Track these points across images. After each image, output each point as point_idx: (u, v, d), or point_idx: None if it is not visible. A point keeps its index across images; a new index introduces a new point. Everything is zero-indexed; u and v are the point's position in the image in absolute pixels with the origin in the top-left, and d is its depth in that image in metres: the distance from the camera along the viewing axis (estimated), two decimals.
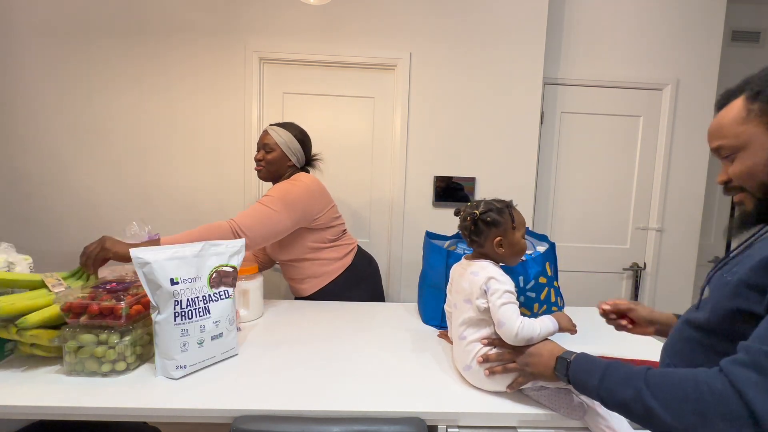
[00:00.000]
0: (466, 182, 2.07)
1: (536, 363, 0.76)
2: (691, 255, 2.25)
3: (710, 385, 0.48)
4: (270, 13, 1.96)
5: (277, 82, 2.03)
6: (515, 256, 0.91)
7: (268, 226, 1.25)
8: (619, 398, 0.58)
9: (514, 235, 0.89)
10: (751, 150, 0.61)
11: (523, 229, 0.91)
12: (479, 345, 0.85)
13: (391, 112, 2.06)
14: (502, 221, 0.88)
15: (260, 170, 1.41)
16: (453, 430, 0.78)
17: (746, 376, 0.45)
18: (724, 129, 0.64)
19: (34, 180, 1.99)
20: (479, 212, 0.89)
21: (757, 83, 0.61)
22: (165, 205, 2.04)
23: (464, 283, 0.89)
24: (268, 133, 1.40)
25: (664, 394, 0.52)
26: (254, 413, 0.75)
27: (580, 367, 0.68)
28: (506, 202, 0.92)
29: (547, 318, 0.83)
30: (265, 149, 1.39)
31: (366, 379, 0.89)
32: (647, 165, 2.21)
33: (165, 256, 0.87)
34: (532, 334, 0.78)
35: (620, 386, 0.58)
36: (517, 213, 0.91)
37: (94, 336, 0.84)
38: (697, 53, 2.13)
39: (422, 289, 1.35)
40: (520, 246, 0.90)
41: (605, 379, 0.61)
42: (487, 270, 0.86)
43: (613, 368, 0.62)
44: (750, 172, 0.61)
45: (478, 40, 2.01)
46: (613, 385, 0.60)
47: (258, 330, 1.17)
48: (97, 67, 1.95)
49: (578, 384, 0.68)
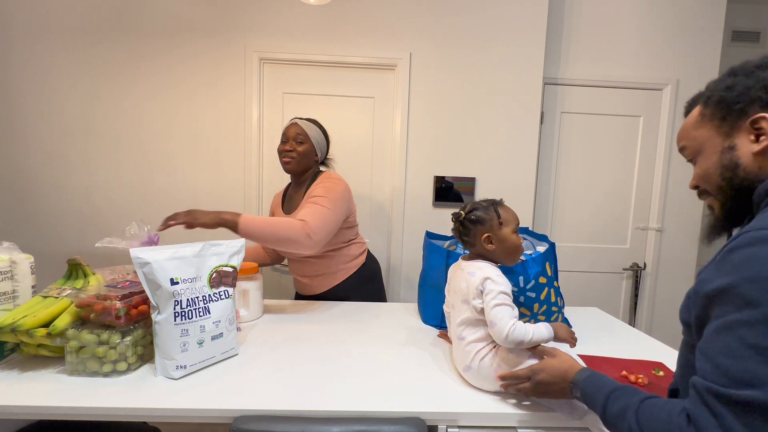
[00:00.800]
0: (466, 182, 2.07)
1: (553, 392, 0.76)
2: (691, 255, 2.25)
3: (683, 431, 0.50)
4: (270, 13, 1.96)
5: (277, 82, 2.03)
6: (509, 253, 0.91)
7: (329, 226, 1.26)
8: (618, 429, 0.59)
9: (501, 231, 0.89)
10: (705, 153, 0.62)
11: (513, 225, 0.91)
12: (478, 345, 0.85)
13: (391, 112, 2.06)
14: (487, 218, 0.89)
15: (290, 161, 1.37)
16: (453, 430, 0.78)
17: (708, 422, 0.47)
18: (684, 132, 0.66)
19: (34, 180, 1.99)
20: (464, 212, 0.91)
21: (711, 88, 0.63)
22: (165, 205, 2.04)
23: (461, 283, 0.89)
24: (298, 124, 1.39)
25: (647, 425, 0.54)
26: (254, 413, 0.75)
27: (585, 391, 0.68)
28: (493, 200, 0.93)
29: (543, 325, 0.82)
30: (296, 140, 1.37)
31: (366, 379, 0.89)
32: (647, 165, 2.21)
33: (165, 256, 0.87)
34: (523, 338, 0.78)
35: (618, 417, 0.59)
36: (505, 209, 0.92)
37: (95, 336, 0.84)
38: (697, 53, 2.13)
39: (422, 289, 1.35)
40: (511, 242, 0.90)
41: (607, 407, 0.62)
42: (483, 270, 0.86)
43: (615, 397, 0.62)
44: (705, 174, 0.62)
45: (478, 40, 2.01)
46: (613, 414, 0.61)
47: (258, 330, 1.17)
48: (97, 67, 1.95)
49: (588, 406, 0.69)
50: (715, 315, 0.51)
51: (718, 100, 0.60)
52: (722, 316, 0.49)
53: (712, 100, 0.61)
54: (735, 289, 0.48)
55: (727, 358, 0.47)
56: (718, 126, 0.60)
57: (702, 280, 0.54)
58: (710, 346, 0.50)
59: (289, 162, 1.38)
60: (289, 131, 1.39)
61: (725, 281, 0.49)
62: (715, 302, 0.51)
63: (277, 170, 2.06)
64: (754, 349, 0.45)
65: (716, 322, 0.50)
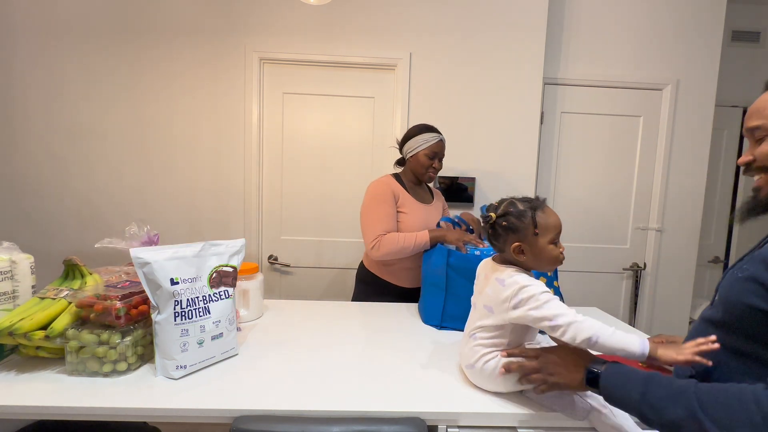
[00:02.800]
0: (466, 182, 2.07)
1: (561, 373, 0.71)
2: (691, 255, 2.25)
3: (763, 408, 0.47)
4: (270, 13, 1.96)
5: (277, 82, 2.03)
6: (542, 264, 0.81)
7: None
8: (668, 418, 0.55)
9: (537, 242, 0.79)
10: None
11: (552, 234, 0.80)
12: (487, 349, 0.82)
13: (391, 112, 2.06)
14: (521, 226, 0.79)
15: (434, 176, 1.54)
16: (453, 430, 0.78)
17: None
18: (765, 110, 0.62)
19: (34, 180, 1.99)
20: (495, 216, 0.82)
21: None
22: (165, 206, 2.04)
23: (488, 288, 0.83)
24: (443, 143, 1.52)
25: (719, 414, 0.51)
26: (254, 413, 0.75)
27: (613, 380, 0.64)
28: (532, 203, 0.81)
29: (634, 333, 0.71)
30: (439, 157, 1.52)
31: (366, 379, 0.89)
32: (647, 165, 2.21)
33: (165, 256, 0.87)
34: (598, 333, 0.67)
35: (668, 404, 0.55)
36: (544, 215, 0.80)
37: (95, 336, 0.84)
38: (697, 53, 2.13)
39: (422, 289, 1.35)
40: (548, 253, 0.80)
41: (648, 395, 0.58)
42: (515, 279, 0.78)
43: (656, 383, 0.58)
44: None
45: (478, 40, 2.01)
46: (659, 402, 0.56)
47: (258, 330, 1.17)
48: (97, 67, 1.95)
49: (613, 398, 0.64)
50: None
51: None
52: None
53: None
54: None
55: None
56: None
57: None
58: None
59: (433, 177, 1.54)
60: (440, 149, 1.51)
61: None
62: None
63: (277, 170, 2.07)
64: None
65: None
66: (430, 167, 1.49)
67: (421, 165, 1.49)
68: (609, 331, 0.68)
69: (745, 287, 0.58)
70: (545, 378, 0.73)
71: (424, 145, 1.47)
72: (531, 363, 0.75)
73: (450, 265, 1.21)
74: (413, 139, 1.50)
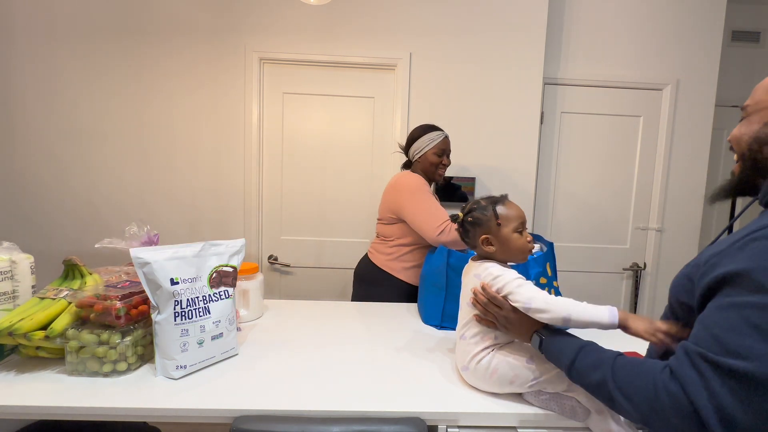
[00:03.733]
0: (466, 182, 2.07)
1: (515, 326, 0.79)
2: (691, 255, 2.25)
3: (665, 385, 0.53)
4: (270, 13, 1.96)
5: (277, 82, 2.03)
6: (513, 254, 0.86)
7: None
8: (587, 381, 0.64)
9: (501, 232, 0.84)
10: (752, 119, 0.62)
11: (514, 223, 0.84)
12: (477, 348, 0.84)
13: (391, 112, 2.06)
14: (484, 219, 0.85)
15: (444, 173, 1.55)
16: (453, 430, 0.78)
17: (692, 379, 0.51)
18: (756, 91, 0.64)
19: (35, 180, 1.99)
20: (463, 215, 0.89)
21: None
22: (165, 206, 2.04)
23: (469, 285, 0.87)
24: (449, 140, 1.54)
25: (626, 385, 0.57)
26: (254, 413, 0.75)
27: (553, 345, 0.72)
28: (492, 198, 0.88)
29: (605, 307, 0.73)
30: (447, 154, 1.53)
31: (366, 379, 0.89)
32: (647, 165, 2.21)
33: (165, 256, 0.87)
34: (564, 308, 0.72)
35: (590, 370, 0.63)
36: (506, 207, 0.86)
37: (95, 336, 0.84)
38: (697, 53, 2.13)
39: (422, 289, 1.35)
40: (514, 242, 0.84)
41: (577, 361, 0.66)
42: (489, 270, 0.83)
43: (586, 351, 0.66)
44: (739, 137, 0.63)
45: (478, 41, 2.01)
46: (584, 368, 0.65)
47: (258, 330, 1.17)
48: (97, 67, 1.95)
49: (551, 359, 0.73)
50: (724, 294, 0.53)
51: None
52: (732, 295, 0.51)
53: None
54: (751, 274, 0.50)
55: (727, 332, 0.50)
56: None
57: (715, 264, 0.55)
58: (712, 319, 0.53)
59: (443, 175, 1.55)
60: (446, 145, 1.52)
61: (743, 265, 0.51)
62: (727, 283, 0.52)
63: (277, 170, 2.07)
64: (757, 329, 0.48)
65: (723, 299, 0.52)
66: (440, 165, 1.52)
67: (431, 164, 1.51)
68: (580, 308, 0.73)
69: (680, 283, 0.65)
70: (502, 325, 0.81)
71: (431, 144, 1.49)
72: (495, 309, 0.81)
73: (450, 265, 1.21)
74: (419, 140, 1.51)
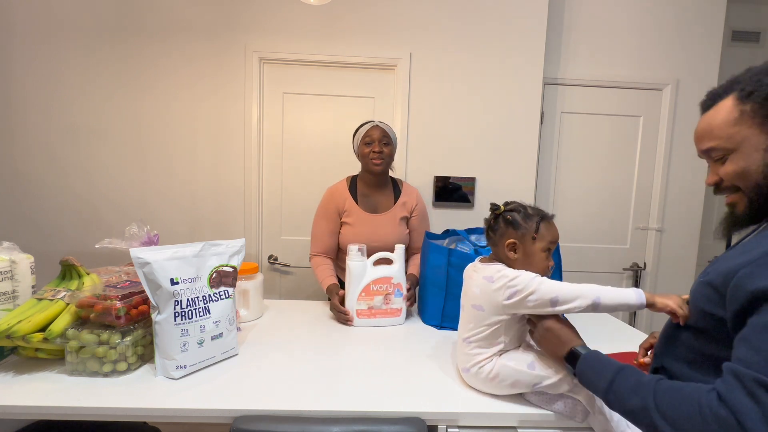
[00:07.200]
0: (466, 182, 2.07)
1: (549, 341, 0.75)
2: (691, 255, 2.25)
3: (714, 412, 0.50)
4: (270, 13, 1.96)
5: (277, 82, 2.03)
6: (530, 269, 0.80)
7: None
8: (627, 406, 0.59)
9: (532, 246, 0.81)
10: (744, 151, 0.60)
11: (546, 242, 0.82)
12: (482, 355, 0.82)
13: (391, 112, 2.06)
14: (522, 225, 0.82)
15: (381, 162, 1.43)
16: (453, 430, 0.78)
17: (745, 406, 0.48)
18: (715, 131, 0.63)
19: (35, 180, 1.99)
20: (504, 208, 0.85)
21: (748, 83, 0.60)
22: (165, 206, 2.04)
23: (475, 288, 0.83)
24: (380, 127, 1.46)
25: (670, 411, 0.53)
26: (254, 413, 0.75)
27: (590, 365, 0.68)
28: (541, 213, 0.85)
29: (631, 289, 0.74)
30: (381, 142, 1.43)
31: (366, 379, 0.89)
32: (647, 165, 2.21)
33: (165, 256, 0.87)
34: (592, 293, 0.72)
35: (630, 394, 0.59)
36: (548, 225, 0.83)
37: (95, 336, 0.84)
38: (697, 53, 2.13)
39: (422, 289, 1.35)
40: (538, 260, 0.81)
41: (615, 383, 0.61)
42: (503, 273, 0.79)
43: (625, 374, 0.62)
44: (744, 172, 0.61)
45: (478, 40, 2.01)
46: (623, 391, 0.60)
47: (258, 330, 1.17)
48: (97, 67, 1.95)
49: (585, 381, 0.68)
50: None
51: (766, 97, 0.57)
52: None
53: (759, 96, 0.58)
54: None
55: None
56: (761, 123, 0.58)
57: (751, 275, 0.54)
58: (761, 338, 0.51)
59: (380, 163, 1.43)
60: (373, 133, 1.44)
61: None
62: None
63: (277, 170, 2.07)
64: None
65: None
66: (371, 153, 1.43)
67: (362, 155, 1.47)
68: (606, 291, 0.73)
69: (702, 292, 0.61)
70: (537, 339, 0.78)
71: (359, 136, 1.48)
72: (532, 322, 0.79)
73: (451, 265, 1.21)
74: (354, 138, 1.52)
